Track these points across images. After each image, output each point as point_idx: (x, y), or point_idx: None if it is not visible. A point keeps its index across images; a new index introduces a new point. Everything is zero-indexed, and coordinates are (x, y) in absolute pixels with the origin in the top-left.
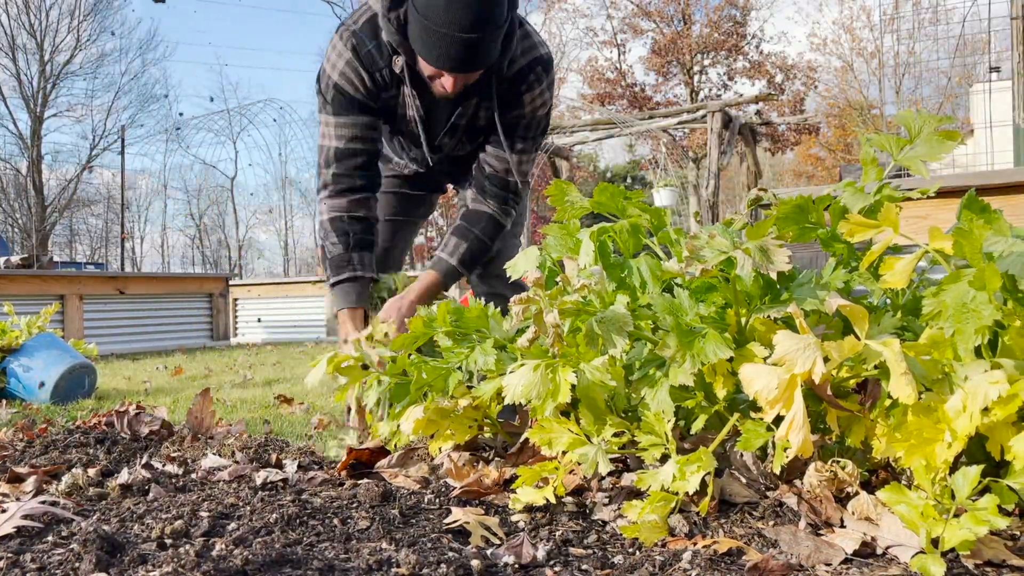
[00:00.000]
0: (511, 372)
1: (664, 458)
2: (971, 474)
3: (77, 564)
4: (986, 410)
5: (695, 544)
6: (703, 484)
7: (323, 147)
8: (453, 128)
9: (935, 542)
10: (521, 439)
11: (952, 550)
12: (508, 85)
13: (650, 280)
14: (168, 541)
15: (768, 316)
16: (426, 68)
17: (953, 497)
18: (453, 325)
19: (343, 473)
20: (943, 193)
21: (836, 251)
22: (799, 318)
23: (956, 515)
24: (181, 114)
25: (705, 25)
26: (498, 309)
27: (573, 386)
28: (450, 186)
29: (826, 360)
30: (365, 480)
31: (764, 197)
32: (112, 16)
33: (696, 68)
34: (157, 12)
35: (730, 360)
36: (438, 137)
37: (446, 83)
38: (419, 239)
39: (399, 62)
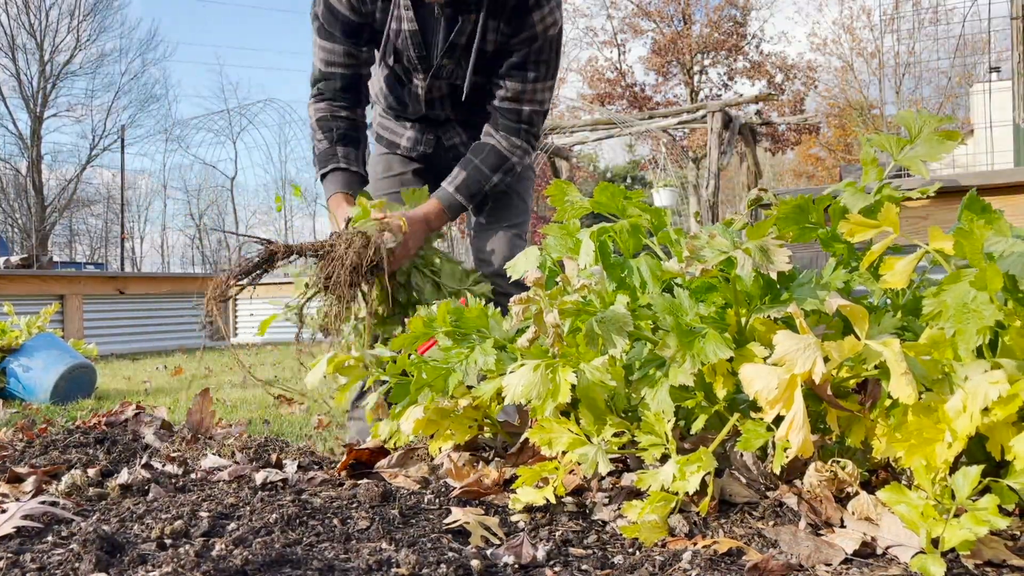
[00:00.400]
0: (511, 372)
1: (664, 458)
2: (971, 474)
3: (77, 564)
4: (986, 410)
5: (695, 544)
6: (703, 484)
7: (312, 64)
8: (452, 47)
9: (935, 542)
10: (521, 439)
11: (952, 550)
12: (514, 4)
13: (650, 280)
14: (168, 541)
15: (768, 316)
16: None
17: (953, 497)
18: (453, 325)
19: (343, 473)
20: (943, 193)
21: (836, 251)
22: (799, 318)
23: (956, 515)
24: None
25: (705, 25)
26: (498, 309)
27: (573, 386)
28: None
29: (826, 360)
30: (365, 480)
31: (764, 197)
32: (112, 16)
33: (696, 68)
34: (157, 12)
35: (730, 360)
36: (436, 58)
37: None
38: None
39: None
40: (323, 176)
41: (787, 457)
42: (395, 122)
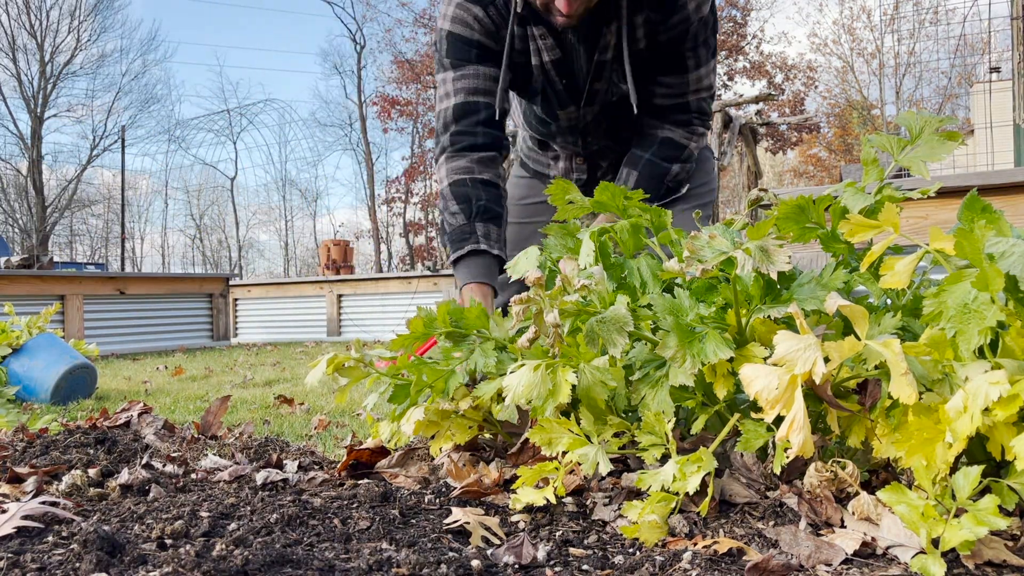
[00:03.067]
0: (511, 372)
1: (664, 458)
2: (972, 474)
3: (77, 564)
4: (986, 410)
5: (695, 544)
6: (703, 484)
7: (441, 111)
8: (600, 67)
9: (935, 542)
10: (521, 439)
11: (952, 550)
12: None
13: (650, 280)
14: (168, 541)
15: (768, 316)
16: None
17: (954, 498)
18: (453, 326)
19: (343, 473)
20: (943, 193)
21: (836, 252)
22: (799, 318)
23: (956, 516)
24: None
25: None
26: (498, 310)
27: (573, 386)
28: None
29: (826, 360)
30: (365, 480)
31: (764, 197)
32: (113, 16)
33: None
34: (158, 12)
35: (730, 360)
36: (585, 84)
37: (559, 2)
38: (419, 239)
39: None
40: (457, 259)
41: (787, 457)
42: (542, 153)
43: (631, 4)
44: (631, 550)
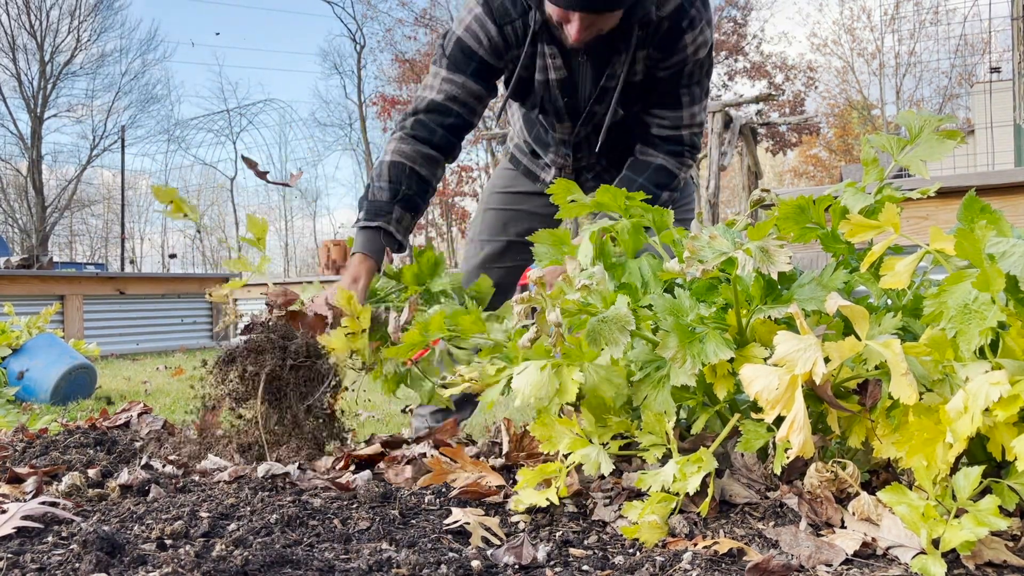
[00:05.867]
0: (517, 373)
1: (665, 458)
2: (972, 475)
3: (77, 564)
4: (987, 411)
5: (695, 545)
6: (704, 485)
7: (420, 96)
8: (603, 92)
9: (936, 543)
10: (520, 431)
11: (953, 550)
12: (667, 27)
13: (651, 280)
14: (168, 542)
15: (769, 317)
16: (553, 11)
17: (954, 498)
18: (450, 331)
19: (343, 473)
20: (944, 193)
21: (837, 252)
22: (799, 318)
23: (957, 516)
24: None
25: None
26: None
27: (579, 386)
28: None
29: (827, 361)
30: (365, 480)
31: (766, 198)
32: (112, 16)
33: None
34: (158, 12)
35: (731, 361)
36: (585, 105)
37: (571, 28)
38: (419, 239)
39: (535, 16)
40: (364, 227)
41: (788, 458)
42: (532, 159)
43: (639, 39)
44: (631, 550)
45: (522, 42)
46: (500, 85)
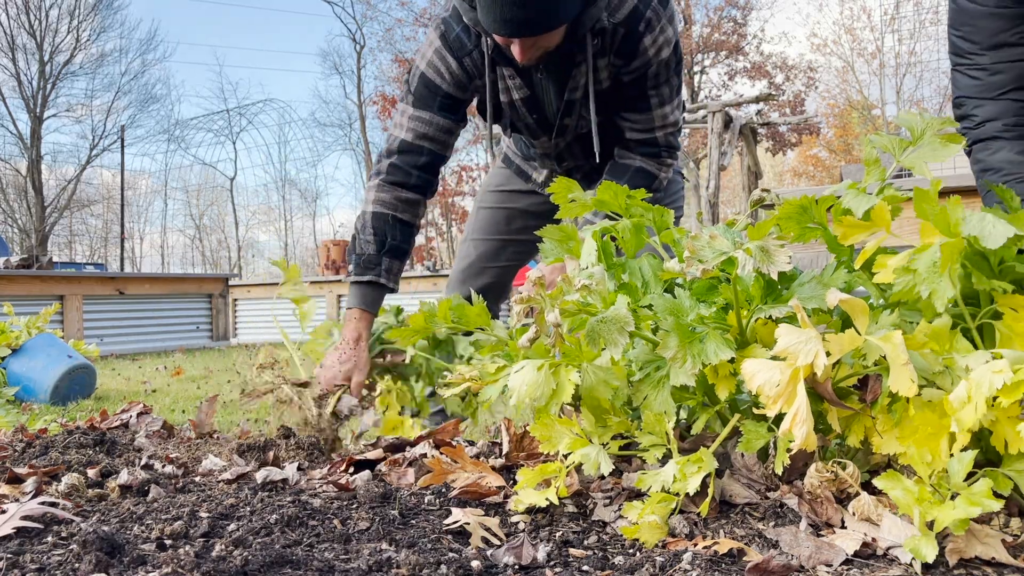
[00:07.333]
0: (515, 372)
1: (665, 459)
2: (966, 459)
3: (77, 565)
4: (989, 404)
5: (695, 545)
6: (704, 485)
7: (392, 135)
8: (569, 105)
9: (930, 525)
10: (519, 434)
11: (951, 560)
12: (623, 34)
13: (652, 280)
14: (168, 542)
15: (770, 317)
16: (497, 38)
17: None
18: (454, 322)
19: (343, 473)
20: (943, 194)
21: (840, 252)
22: (800, 312)
23: (952, 499)
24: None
25: (705, 25)
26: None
27: (576, 386)
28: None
29: (827, 355)
30: (365, 480)
31: (767, 198)
32: (112, 16)
33: (696, 68)
34: (158, 12)
35: (731, 361)
36: (555, 120)
37: (515, 50)
38: (419, 239)
39: (487, 42)
40: (356, 282)
41: (791, 451)
42: (525, 161)
43: (598, 48)
44: (631, 551)
45: (483, 71)
46: (477, 117)
